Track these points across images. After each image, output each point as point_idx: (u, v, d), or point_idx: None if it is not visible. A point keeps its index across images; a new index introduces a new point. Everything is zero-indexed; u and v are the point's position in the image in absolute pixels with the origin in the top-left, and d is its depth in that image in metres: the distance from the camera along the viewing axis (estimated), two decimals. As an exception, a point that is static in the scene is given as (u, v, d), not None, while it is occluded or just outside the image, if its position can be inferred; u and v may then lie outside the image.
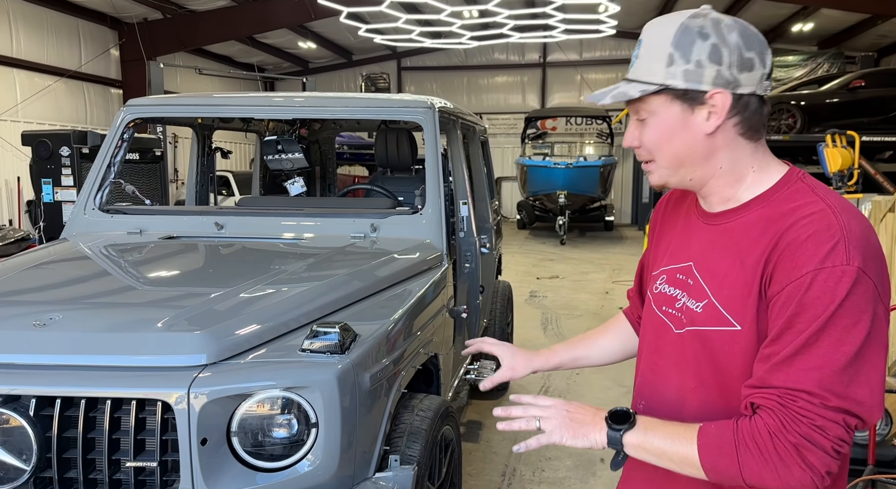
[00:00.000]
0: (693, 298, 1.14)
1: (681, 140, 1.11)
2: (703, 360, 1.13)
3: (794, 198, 1.09)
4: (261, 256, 2.64)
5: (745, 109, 1.08)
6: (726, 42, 1.06)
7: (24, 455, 1.63)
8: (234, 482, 1.69)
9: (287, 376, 1.74)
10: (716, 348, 1.11)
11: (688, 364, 1.16)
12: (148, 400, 1.66)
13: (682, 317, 1.16)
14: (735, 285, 1.08)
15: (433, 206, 2.91)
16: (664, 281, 1.23)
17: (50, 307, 1.91)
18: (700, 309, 1.13)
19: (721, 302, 1.10)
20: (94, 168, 3.13)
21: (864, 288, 0.98)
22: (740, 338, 1.07)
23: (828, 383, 0.97)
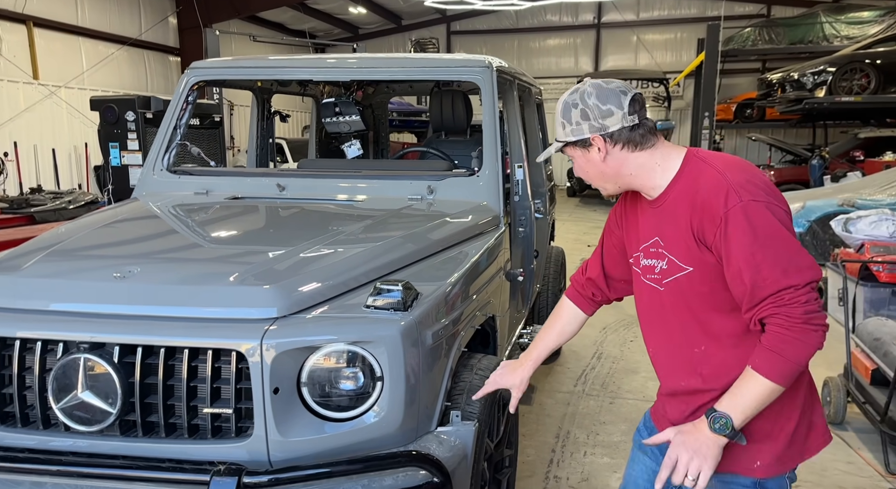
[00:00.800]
0: (662, 261, 1.59)
1: (591, 168, 1.61)
2: (680, 302, 1.58)
3: (693, 172, 1.54)
4: (322, 217, 2.69)
5: (619, 137, 1.54)
6: (588, 105, 1.53)
7: (110, 399, 1.73)
8: (305, 430, 1.76)
9: (353, 331, 1.79)
10: (684, 289, 1.56)
11: (671, 311, 1.61)
12: (223, 350, 1.73)
13: (660, 278, 1.61)
14: (679, 243, 1.54)
15: (490, 167, 2.90)
16: (643, 256, 1.65)
17: (128, 261, 2.00)
18: (666, 265, 1.58)
19: (675, 256, 1.56)
20: (160, 131, 3.22)
21: (759, 207, 1.42)
22: (695, 275, 1.53)
23: (790, 275, 1.39)
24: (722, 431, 1.44)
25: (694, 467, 1.45)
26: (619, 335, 5.47)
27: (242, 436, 1.74)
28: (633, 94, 1.53)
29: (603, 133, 1.53)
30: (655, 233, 1.60)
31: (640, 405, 4.06)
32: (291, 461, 1.75)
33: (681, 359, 1.61)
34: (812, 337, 1.38)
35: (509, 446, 2.62)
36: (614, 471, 3.27)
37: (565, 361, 4.83)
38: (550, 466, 3.33)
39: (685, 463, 1.46)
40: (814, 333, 1.38)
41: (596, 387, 4.36)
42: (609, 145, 1.54)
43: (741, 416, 1.44)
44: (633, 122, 1.54)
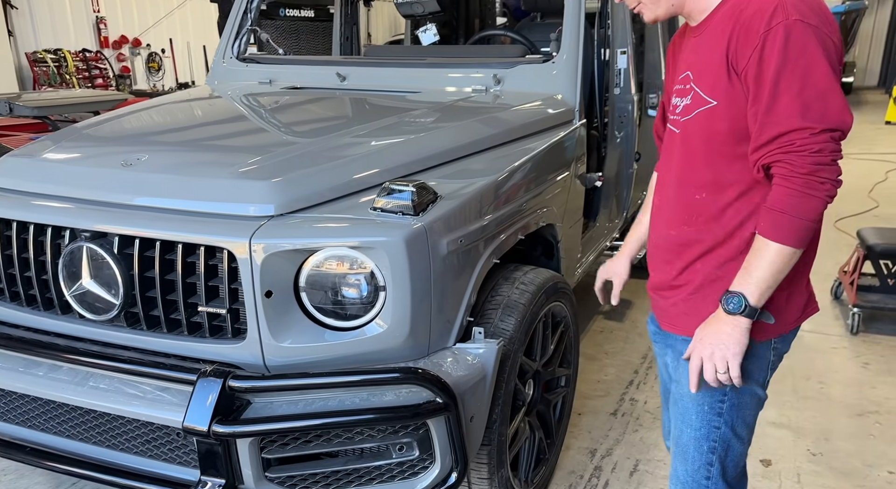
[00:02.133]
0: (685, 95, 1.40)
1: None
2: (693, 142, 1.39)
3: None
4: (365, 109, 2.48)
5: None
6: None
7: (113, 290, 1.71)
8: (303, 336, 1.65)
9: (353, 234, 1.61)
10: (702, 126, 1.36)
11: (684, 150, 1.42)
12: (216, 247, 1.64)
13: (680, 116, 1.42)
14: (708, 72, 1.33)
15: (569, 52, 2.50)
16: (674, 96, 1.47)
17: (143, 148, 1.93)
18: (690, 100, 1.39)
19: (700, 87, 1.36)
20: (230, 18, 3.11)
21: (807, 31, 1.20)
22: (717, 110, 1.32)
23: (808, 115, 1.20)
24: (737, 310, 1.30)
25: (719, 358, 1.31)
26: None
27: (239, 338, 1.67)
28: None
29: None
30: (688, 66, 1.41)
31: (749, 330, 3.61)
32: (290, 367, 1.66)
33: (680, 206, 1.45)
34: (820, 190, 1.21)
35: (566, 365, 2.40)
36: (700, 401, 2.95)
37: (674, 276, 4.41)
38: (629, 388, 3.07)
39: (708, 357, 1.33)
40: (820, 186, 1.21)
41: (703, 307, 3.94)
42: None
43: (756, 291, 1.28)
44: None
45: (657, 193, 1.57)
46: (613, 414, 2.87)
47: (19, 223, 1.81)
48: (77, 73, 10.40)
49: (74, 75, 10.31)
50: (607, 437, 2.70)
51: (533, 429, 2.24)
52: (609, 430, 2.75)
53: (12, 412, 1.86)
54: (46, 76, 9.89)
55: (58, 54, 10.17)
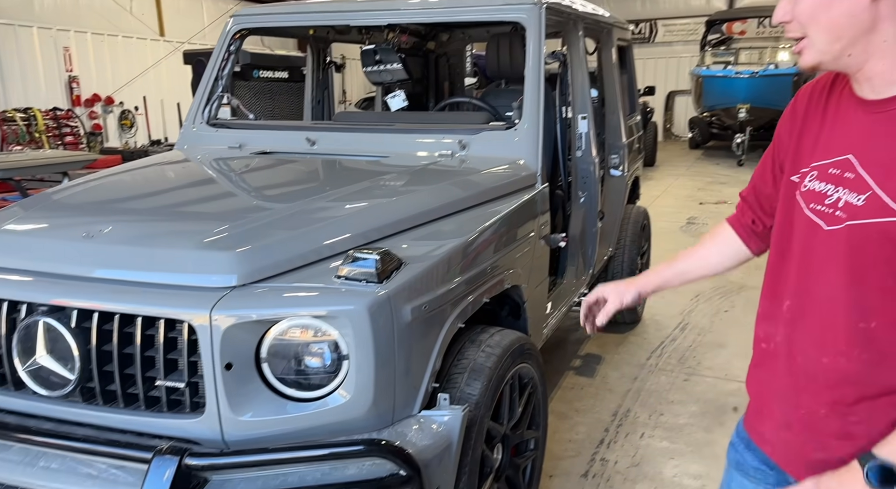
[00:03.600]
0: (854, 191, 1.08)
1: (841, 8, 1.03)
2: (861, 257, 1.07)
3: None
4: (334, 175, 2.52)
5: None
6: None
7: (70, 365, 1.68)
8: (263, 409, 1.63)
9: (316, 304, 1.62)
10: (881, 242, 1.04)
11: (840, 260, 1.10)
12: (176, 320, 1.62)
13: (838, 213, 1.10)
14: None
15: (530, 120, 2.58)
16: (814, 177, 1.15)
17: (107, 218, 1.93)
18: (862, 201, 1.06)
19: (887, 192, 1.03)
20: (202, 82, 3.16)
21: None
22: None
23: None
24: (884, 485, 1.01)
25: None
26: (713, 304, 4.96)
27: (198, 412, 1.64)
28: None
29: None
30: (850, 148, 1.10)
31: (718, 384, 3.64)
32: (249, 441, 1.63)
33: (834, 328, 1.12)
34: None
35: (534, 427, 2.39)
36: (671, 458, 2.94)
37: (644, 330, 4.45)
38: (600, 447, 3.05)
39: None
40: None
41: (672, 361, 3.97)
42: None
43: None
44: None
45: (787, 295, 1.22)
46: (584, 475, 2.84)
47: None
48: (47, 131, 10.36)
49: (44, 134, 10.28)
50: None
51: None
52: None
53: None
54: (15, 135, 9.84)
55: (27, 113, 10.15)
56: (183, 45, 12.87)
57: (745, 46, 16.28)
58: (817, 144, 1.17)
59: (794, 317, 1.19)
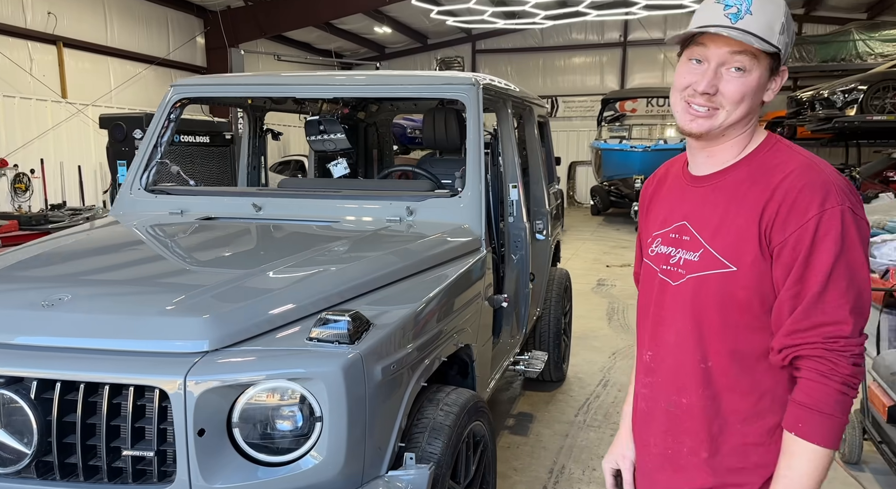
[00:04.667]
0: (690, 250, 1.29)
1: (753, 101, 1.25)
2: (703, 304, 1.27)
3: (775, 156, 1.25)
4: (288, 239, 2.56)
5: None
6: (791, 29, 1.24)
7: (26, 438, 1.61)
8: (235, 475, 1.61)
9: (290, 366, 1.65)
10: (714, 290, 1.25)
11: (686, 310, 1.29)
12: (146, 387, 1.60)
13: (679, 270, 1.30)
14: (729, 233, 1.24)
15: (473, 188, 2.75)
16: (659, 243, 1.37)
17: (63, 286, 1.89)
18: (697, 258, 1.27)
19: (716, 248, 1.25)
20: (140, 148, 3.15)
21: (858, 223, 1.17)
22: (739, 277, 1.22)
23: (855, 315, 1.16)
24: None
25: None
26: (629, 361, 5.22)
27: (166, 481, 1.60)
28: None
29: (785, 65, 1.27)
30: (683, 216, 1.32)
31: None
32: (219, 509, 1.60)
33: (684, 370, 1.31)
34: (853, 392, 1.17)
35: (485, 487, 2.44)
36: (609, 513, 3.05)
37: (569, 389, 4.62)
38: (541, 505, 3.13)
39: None
40: (852, 391, 1.17)
41: (598, 417, 4.14)
42: (780, 81, 1.27)
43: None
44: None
45: (647, 346, 1.40)
46: (529, 533, 2.89)
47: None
48: (-68, 194, 9.64)
49: (-71, 197, 9.55)
50: (526, 558, 2.71)
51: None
52: (527, 551, 2.76)
53: None
54: None
55: (-88, 175, 9.44)
56: (87, 107, 12.50)
57: (636, 123, 17.66)
58: (659, 217, 1.40)
59: (655, 366, 1.37)
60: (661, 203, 1.42)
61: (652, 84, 18.74)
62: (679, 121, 1.28)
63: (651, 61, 19.06)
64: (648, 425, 1.40)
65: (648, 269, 1.40)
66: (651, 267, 1.38)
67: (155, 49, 14.17)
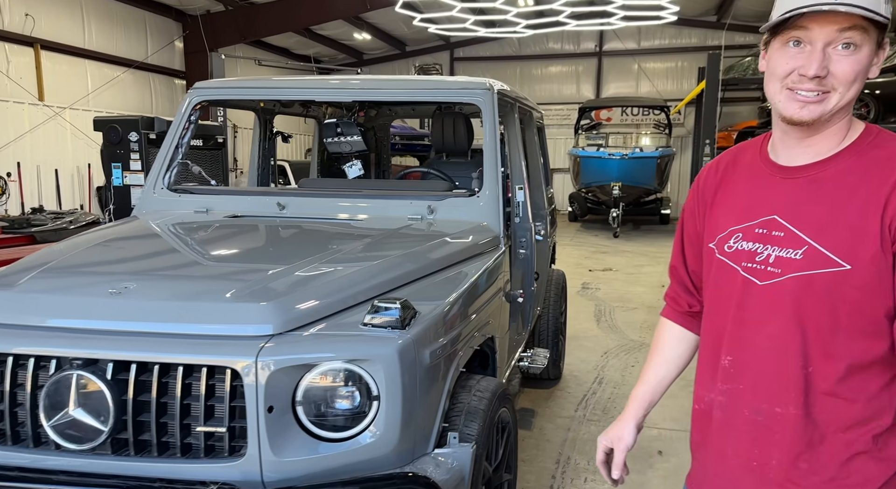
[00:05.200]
0: (787, 247, 1.20)
1: (864, 80, 1.17)
2: (807, 306, 1.18)
3: (884, 147, 1.18)
4: (322, 235, 2.68)
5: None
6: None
7: (102, 417, 1.70)
8: (299, 450, 1.73)
9: (350, 349, 1.77)
10: (822, 291, 1.16)
11: (784, 312, 1.20)
12: (217, 367, 1.71)
13: (771, 269, 1.21)
14: (838, 229, 1.15)
15: (490, 188, 2.90)
16: (740, 238, 1.27)
17: (124, 277, 1.98)
18: (800, 255, 1.18)
19: (825, 245, 1.16)
20: (162, 149, 3.23)
21: None
22: (853, 276, 1.14)
23: None
24: None
25: None
26: (621, 360, 5.42)
27: (235, 456, 1.71)
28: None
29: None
30: (773, 210, 1.23)
31: (644, 432, 3.98)
32: (285, 482, 1.72)
33: (780, 377, 1.22)
34: None
35: (508, 471, 2.58)
36: (615, 499, 3.21)
37: (566, 386, 4.78)
38: (550, 493, 3.27)
39: None
40: None
41: (597, 412, 4.30)
42: (883, 55, 1.17)
43: None
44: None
45: (726, 351, 1.30)
46: (542, 517, 3.04)
47: None
48: None
49: None
50: (542, 540, 2.86)
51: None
52: (542, 534, 2.91)
53: None
54: None
55: None
56: (64, 110, 12.37)
57: (612, 131, 18.03)
58: (735, 209, 1.30)
59: (738, 373, 1.27)
60: (736, 194, 1.32)
61: (628, 93, 19.16)
62: (785, 110, 1.18)
63: (625, 71, 19.49)
64: (726, 435, 1.31)
65: (723, 267, 1.30)
66: (728, 264, 1.29)
67: (133, 52, 14.08)
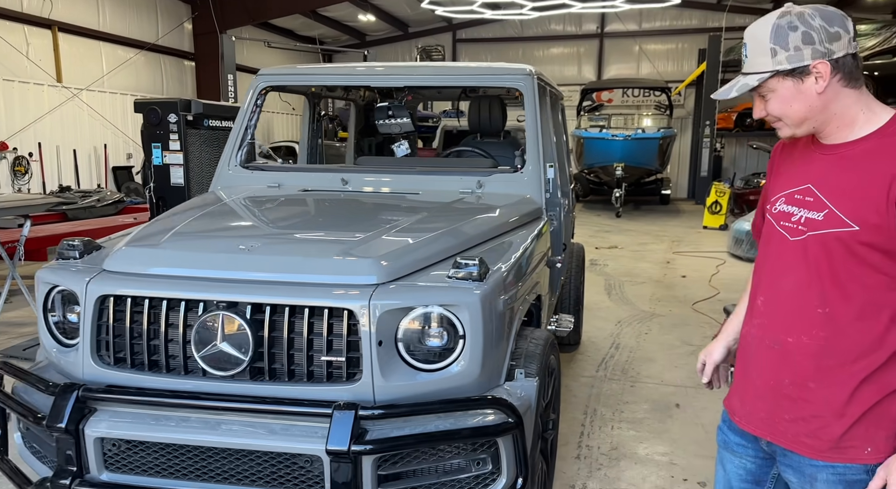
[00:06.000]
0: (814, 210, 1.48)
1: (799, 103, 1.45)
2: (822, 259, 1.46)
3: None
4: (396, 205, 3.06)
5: (843, 67, 1.42)
6: (812, 27, 1.40)
7: (243, 349, 2.08)
8: (402, 377, 2.11)
9: (441, 296, 2.14)
10: (835, 247, 1.43)
11: (806, 264, 1.49)
12: (337, 309, 2.09)
13: (800, 227, 1.50)
14: (854, 197, 1.43)
15: (533, 164, 3.27)
16: (783, 202, 1.57)
17: (245, 238, 2.36)
18: (821, 217, 1.46)
19: (840, 209, 1.43)
20: (233, 131, 3.58)
21: None
22: (858, 236, 1.41)
23: None
24: None
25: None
26: (634, 328, 5.82)
27: (352, 381, 2.09)
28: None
29: (829, 59, 1.40)
30: (809, 179, 1.51)
31: (660, 388, 4.41)
32: (391, 401, 2.09)
33: (798, 314, 1.50)
34: None
35: (554, 411, 2.97)
36: (640, 442, 3.62)
37: (585, 350, 5.19)
38: (581, 437, 3.68)
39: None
40: None
41: (617, 372, 4.71)
42: (832, 74, 1.40)
43: None
44: (855, 49, 1.42)
45: (761, 293, 1.60)
46: (577, 458, 3.45)
47: (151, 299, 2.14)
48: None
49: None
50: (579, 474, 3.27)
51: (545, 462, 2.76)
52: (578, 470, 3.32)
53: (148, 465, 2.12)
54: None
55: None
56: (81, 91, 12.62)
57: (614, 112, 18.30)
58: (784, 178, 1.60)
59: (767, 310, 1.57)
60: (789, 166, 1.60)
61: (629, 75, 19.42)
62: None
63: (627, 53, 19.74)
64: (754, 360, 1.59)
65: (769, 224, 1.60)
66: (772, 222, 1.59)
67: (145, 34, 14.31)
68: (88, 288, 2.17)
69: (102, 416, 2.09)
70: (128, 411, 2.11)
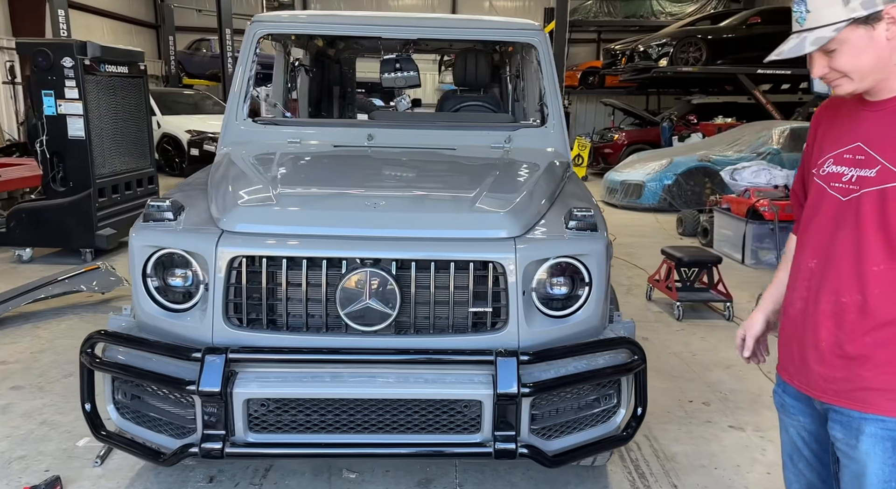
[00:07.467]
0: (865, 168, 1.45)
1: (869, 53, 1.38)
2: (876, 216, 1.42)
3: None
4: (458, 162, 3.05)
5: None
6: None
7: (391, 304, 2.06)
8: (540, 323, 2.20)
9: (572, 247, 2.24)
10: (890, 202, 1.40)
11: (859, 222, 1.45)
12: (480, 262, 2.12)
13: (852, 187, 1.47)
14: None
15: (556, 118, 3.40)
16: (831, 163, 1.54)
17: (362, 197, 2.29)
18: (874, 173, 1.43)
19: (893, 163, 1.40)
20: (234, 82, 3.29)
21: None
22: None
23: None
24: None
25: None
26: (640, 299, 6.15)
27: (497, 330, 2.16)
28: None
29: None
30: (858, 138, 1.48)
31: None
32: (531, 347, 2.17)
33: (854, 273, 1.46)
34: None
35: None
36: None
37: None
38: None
39: None
40: None
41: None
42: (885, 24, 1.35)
43: None
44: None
45: (812, 256, 1.55)
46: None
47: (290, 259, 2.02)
48: None
49: None
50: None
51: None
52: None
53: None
54: None
55: None
56: None
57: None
58: (830, 140, 1.55)
59: (819, 272, 1.52)
60: (835, 128, 1.57)
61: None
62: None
63: (478, 7, 20.17)
64: (805, 323, 1.56)
65: (818, 188, 1.56)
66: (820, 185, 1.55)
67: None
68: (219, 249, 2.00)
69: (249, 377, 2.00)
70: (273, 371, 2.02)
